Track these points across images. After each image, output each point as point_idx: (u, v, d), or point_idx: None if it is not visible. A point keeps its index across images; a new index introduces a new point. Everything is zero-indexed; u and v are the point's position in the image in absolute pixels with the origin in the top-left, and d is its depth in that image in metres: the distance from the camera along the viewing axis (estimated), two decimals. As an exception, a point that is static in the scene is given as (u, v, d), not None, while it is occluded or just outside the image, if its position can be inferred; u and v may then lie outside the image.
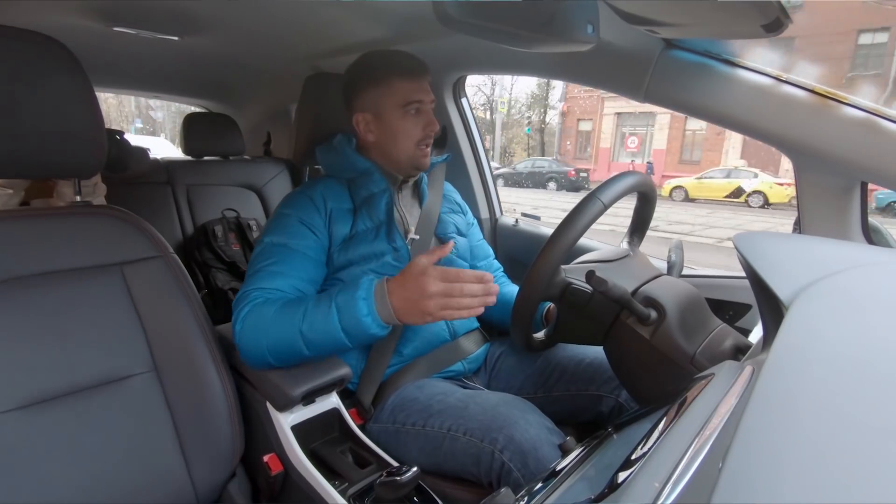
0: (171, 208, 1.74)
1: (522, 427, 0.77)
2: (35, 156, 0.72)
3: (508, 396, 0.86)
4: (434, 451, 0.84)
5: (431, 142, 0.99)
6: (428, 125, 0.97)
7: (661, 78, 0.93)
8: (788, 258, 0.46)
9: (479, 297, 0.74)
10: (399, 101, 0.95)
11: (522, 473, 0.73)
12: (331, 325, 0.76)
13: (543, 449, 0.75)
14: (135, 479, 0.73)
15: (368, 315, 0.75)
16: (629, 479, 0.30)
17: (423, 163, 1.00)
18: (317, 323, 0.77)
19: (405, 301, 0.74)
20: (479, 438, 0.78)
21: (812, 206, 0.89)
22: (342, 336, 0.76)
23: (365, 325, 0.75)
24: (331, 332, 0.76)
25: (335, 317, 0.76)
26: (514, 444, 0.75)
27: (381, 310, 0.75)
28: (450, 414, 0.84)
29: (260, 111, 2.28)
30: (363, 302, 0.75)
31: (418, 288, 0.72)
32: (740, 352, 0.73)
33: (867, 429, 0.26)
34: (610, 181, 0.80)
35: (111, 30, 1.30)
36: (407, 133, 0.96)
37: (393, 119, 0.96)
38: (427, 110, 0.98)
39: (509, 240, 1.59)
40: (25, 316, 0.70)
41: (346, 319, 0.75)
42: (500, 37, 0.67)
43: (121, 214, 0.83)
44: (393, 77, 0.95)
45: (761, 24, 0.67)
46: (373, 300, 0.75)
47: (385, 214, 0.97)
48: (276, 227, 0.92)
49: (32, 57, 0.69)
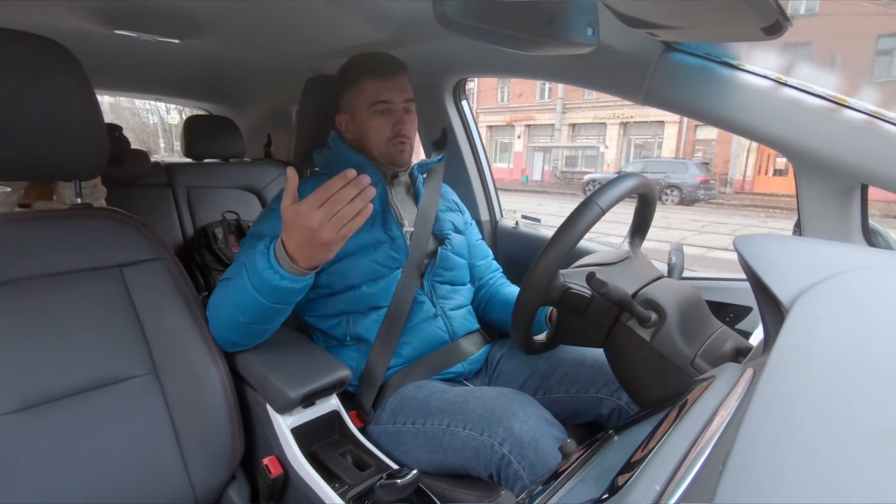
0: (171, 210, 1.74)
1: (522, 419, 0.77)
2: (36, 157, 0.72)
3: (506, 390, 0.87)
4: (434, 448, 0.84)
5: (405, 140, 1.01)
6: (397, 124, 0.99)
7: (661, 81, 0.93)
8: (789, 260, 0.46)
9: (358, 197, 0.70)
10: (367, 100, 0.99)
11: (522, 465, 0.74)
12: (245, 287, 0.78)
13: (543, 440, 0.76)
14: (134, 482, 0.73)
15: (268, 268, 0.75)
16: (630, 482, 0.30)
17: (398, 159, 1.02)
18: (238, 289, 0.79)
19: (301, 245, 0.73)
20: (478, 432, 0.79)
21: (812, 209, 0.89)
22: (256, 294, 0.77)
23: (267, 277, 0.75)
24: (247, 293, 0.78)
25: (246, 278, 0.78)
26: (513, 437, 0.76)
27: (283, 262, 0.75)
28: (449, 410, 0.84)
29: (260, 113, 2.28)
30: (261, 256, 0.76)
31: (303, 227, 0.71)
32: (741, 354, 0.73)
33: (868, 431, 0.26)
34: (608, 185, 0.80)
35: (113, 33, 1.30)
36: (377, 131, 1.00)
37: (364, 118, 1.00)
38: (397, 109, 1.00)
39: (509, 242, 1.59)
40: (25, 318, 0.70)
41: (253, 277, 0.77)
42: (499, 39, 0.67)
43: (121, 216, 0.83)
44: (363, 78, 0.99)
45: (761, 27, 0.67)
46: (271, 255, 0.76)
47: (380, 205, 1.00)
48: (264, 220, 0.95)
49: (34, 60, 0.70)
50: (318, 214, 0.69)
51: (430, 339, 1.00)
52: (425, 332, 1.00)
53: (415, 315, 1.00)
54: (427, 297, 1.02)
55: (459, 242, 1.10)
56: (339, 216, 0.70)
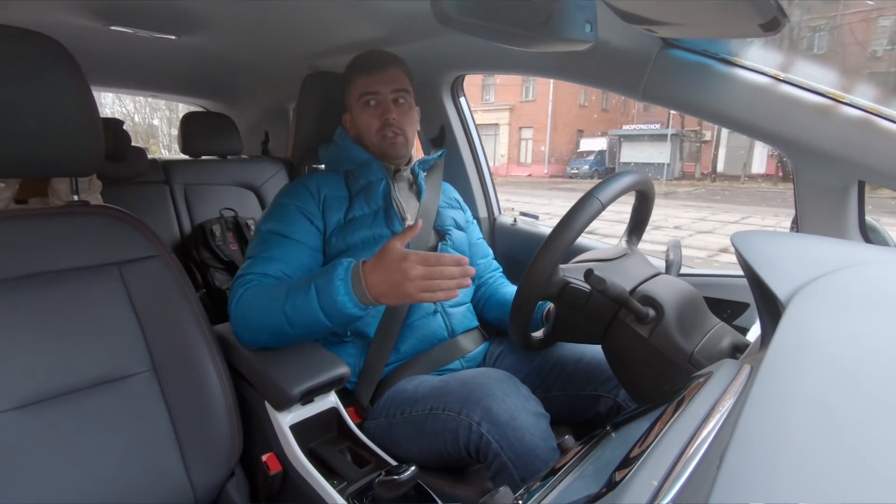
0: (168, 208, 1.74)
1: (499, 398, 0.78)
2: (32, 155, 0.72)
3: (486, 370, 0.88)
4: (420, 435, 0.85)
5: (396, 130, 1.02)
6: (384, 113, 1.01)
7: (659, 77, 0.93)
8: (786, 257, 0.46)
9: (457, 279, 0.76)
10: (357, 94, 1.03)
11: (501, 445, 0.75)
12: (310, 305, 0.79)
13: (521, 418, 0.77)
14: (133, 479, 0.73)
15: (345, 295, 0.77)
16: (627, 478, 0.30)
17: (390, 150, 1.03)
18: (298, 303, 0.79)
19: (384, 284, 0.76)
20: (456, 412, 0.80)
21: (810, 205, 0.89)
22: (321, 316, 0.79)
23: (341, 304, 0.77)
24: (310, 311, 0.79)
25: (314, 297, 0.78)
26: (491, 416, 0.77)
27: (358, 291, 0.77)
28: (432, 395, 0.86)
29: (258, 110, 2.27)
30: (340, 282, 0.77)
31: (399, 272, 0.74)
32: (738, 350, 0.73)
33: (864, 427, 0.26)
34: (608, 180, 0.80)
35: (108, 29, 1.29)
36: (367, 123, 1.02)
37: (356, 112, 1.04)
38: (383, 100, 1.01)
39: (507, 239, 1.59)
40: (23, 316, 0.70)
41: (324, 300, 0.78)
42: (497, 36, 0.67)
43: (118, 214, 0.82)
44: (354, 74, 1.03)
45: (759, 24, 0.67)
46: (350, 281, 0.77)
47: (383, 200, 1.01)
48: (273, 216, 0.95)
49: (29, 56, 0.69)
50: (419, 269, 0.74)
51: (429, 335, 1.00)
52: (424, 329, 1.00)
53: (414, 311, 1.00)
54: None
55: (460, 239, 1.11)
56: (433, 282, 0.75)
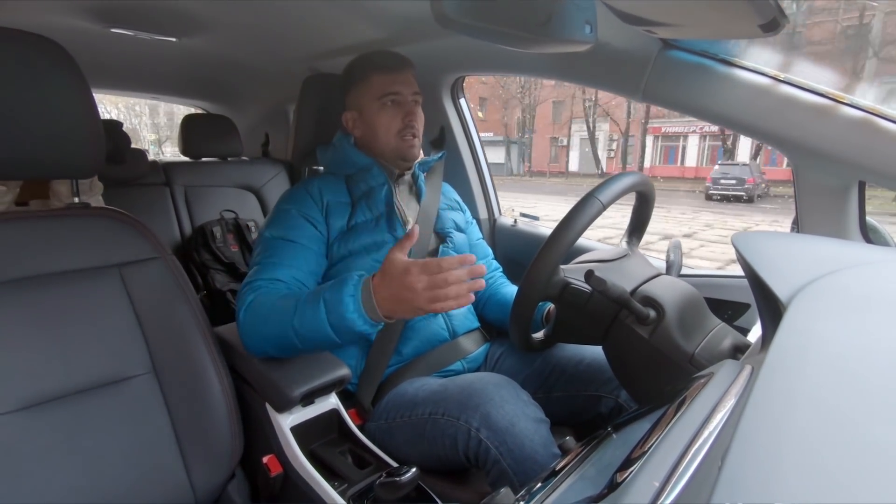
0: (169, 209, 1.74)
1: (498, 403, 0.77)
2: (33, 157, 0.72)
3: (485, 374, 0.86)
4: (420, 439, 0.84)
5: (415, 133, 1.01)
6: (407, 115, 0.99)
7: (659, 78, 0.93)
8: (787, 257, 0.46)
9: (467, 282, 0.71)
10: (376, 93, 0.98)
11: (501, 451, 0.75)
12: (319, 321, 0.76)
13: (520, 424, 0.76)
14: (133, 481, 0.73)
15: (355, 311, 0.74)
16: (629, 479, 0.30)
17: (408, 153, 1.01)
18: (307, 318, 0.77)
19: (392, 299, 0.73)
20: (455, 417, 0.79)
21: (810, 206, 0.89)
22: (330, 332, 0.76)
23: (351, 321, 0.74)
24: (319, 328, 0.76)
25: (323, 313, 0.76)
26: (490, 422, 0.76)
27: (368, 307, 0.74)
28: (431, 399, 0.85)
29: (258, 112, 2.27)
30: (350, 299, 0.75)
31: (403, 286, 0.71)
32: (739, 351, 0.73)
33: (865, 427, 0.26)
34: (608, 181, 0.80)
35: (109, 31, 1.30)
36: (386, 124, 0.99)
37: (372, 112, 1.00)
38: (406, 101, 0.99)
39: (508, 240, 1.59)
40: (24, 318, 0.70)
41: (334, 316, 0.75)
42: (497, 37, 0.67)
43: (119, 216, 0.82)
44: (370, 72, 0.99)
45: (758, 24, 0.67)
46: (360, 297, 0.75)
47: (385, 206, 1.00)
48: (277, 222, 0.94)
49: (29, 58, 0.69)
50: (424, 280, 0.70)
51: (430, 337, 1.00)
52: (426, 331, 1.00)
53: None
54: None
55: (461, 240, 1.10)
56: (441, 291, 0.70)
